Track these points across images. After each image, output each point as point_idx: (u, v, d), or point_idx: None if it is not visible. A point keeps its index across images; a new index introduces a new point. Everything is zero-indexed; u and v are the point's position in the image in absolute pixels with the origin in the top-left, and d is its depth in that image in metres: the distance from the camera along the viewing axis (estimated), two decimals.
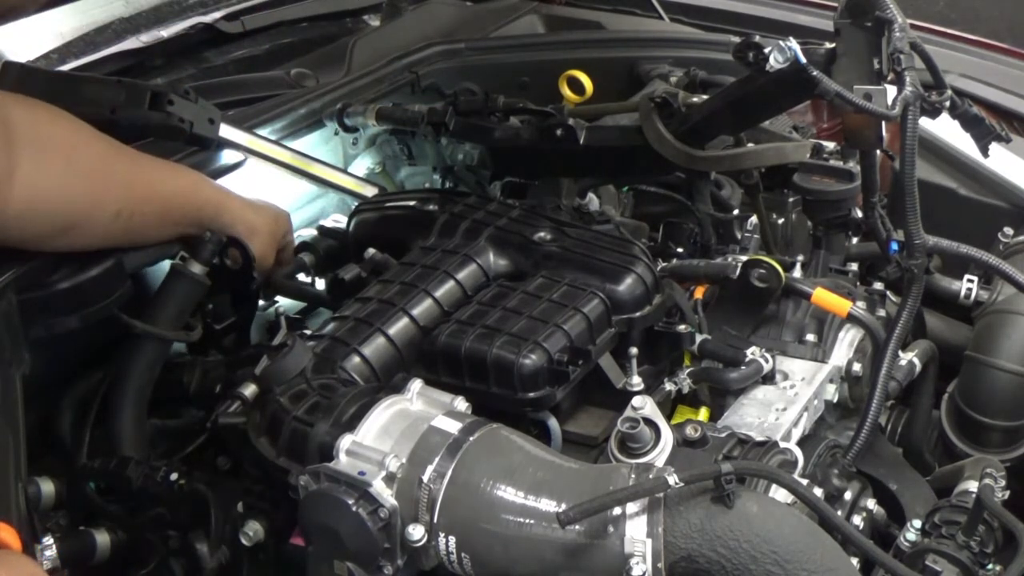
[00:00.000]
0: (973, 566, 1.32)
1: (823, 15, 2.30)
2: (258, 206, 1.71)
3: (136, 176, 1.53)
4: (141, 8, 2.18)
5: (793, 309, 1.62)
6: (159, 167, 1.60)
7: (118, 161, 1.52)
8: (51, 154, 1.40)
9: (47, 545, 1.33)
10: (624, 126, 1.79)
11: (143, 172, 1.55)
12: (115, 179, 1.49)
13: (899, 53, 1.40)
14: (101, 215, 1.46)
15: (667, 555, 1.14)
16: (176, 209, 1.57)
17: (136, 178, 1.53)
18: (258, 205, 1.71)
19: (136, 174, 1.53)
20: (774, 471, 1.21)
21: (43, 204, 1.39)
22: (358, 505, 1.16)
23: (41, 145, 1.39)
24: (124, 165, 1.52)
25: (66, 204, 1.42)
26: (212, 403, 1.51)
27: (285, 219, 1.76)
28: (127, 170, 1.52)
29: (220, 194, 1.66)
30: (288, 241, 1.77)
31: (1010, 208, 1.98)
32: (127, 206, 1.48)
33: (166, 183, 1.58)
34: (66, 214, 1.43)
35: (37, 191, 1.38)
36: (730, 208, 1.86)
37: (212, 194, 1.65)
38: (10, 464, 1.25)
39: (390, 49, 2.23)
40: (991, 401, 1.70)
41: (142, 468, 1.41)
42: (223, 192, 1.67)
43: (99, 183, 1.46)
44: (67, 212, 1.43)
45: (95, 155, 1.49)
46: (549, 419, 1.41)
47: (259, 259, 1.67)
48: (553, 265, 1.53)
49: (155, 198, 1.54)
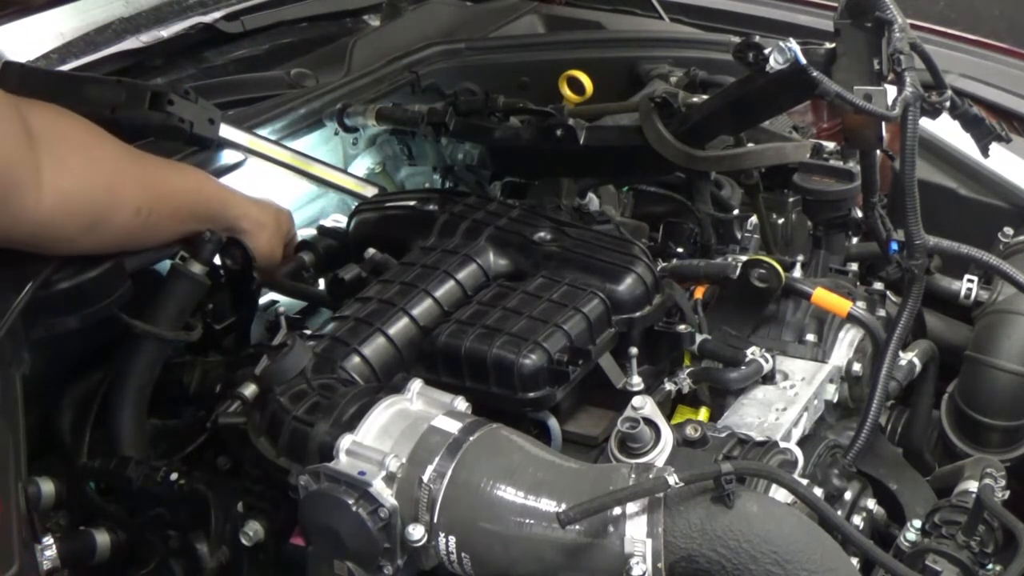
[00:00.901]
0: (973, 566, 1.32)
1: (823, 15, 2.30)
2: (262, 203, 1.72)
3: (149, 174, 1.55)
4: (141, 8, 2.18)
5: (793, 309, 1.62)
6: (166, 166, 1.61)
7: (132, 160, 1.53)
8: (72, 154, 1.41)
9: (47, 545, 1.33)
10: (624, 126, 1.79)
11: (154, 170, 1.57)
12: (132, 177, 1.50)
13: (899, 53, 1.40)
14: (122, 212, 1.47)
15: (667, 555, 1.14)
16: (186, 206, 1.58)
17: (149, 176, 1.54)
18: (261, 202, 1.72)
19: (149, 172, 1.55)
20: (774, 471, 1.21)
21: (70, 203, 1.40)
22: (358, 505, 1.16)
23: (61, 146, 1.40)
24: (138, 164, 1.54)
25: (91, 203, 1.43)
26: (212, 403, 1.51)
27: (287, 216, 1.77)
28: (141, 169, 1.54)
29: (225, 191, 1.67)
30: (292, 237, 1.77)
31: (1010, 208, 1.98)
32: (145, 204, 1.50)
33: (175, 181, 1.59)
34: (91, 212, 1.43)
35: (63, 191, 1.38)
36: (730, 208, 1.86)
37: (217, 191, 1.66)
38: (10, 464, 1.25)
39: (390, 49, 2.23)
40: (991, 401, 1.70)
41: (142, 468, 1.42)
42: (227, 189, 1.69)
43: (117, 181, 1.48)
44: (92, 211, 1.43)
45: (111, 154, 1.50)
46: (549, 419, 1.41)
47: (268, 253, 1.68)
48: (553, 265, 1.53)
49: (168, 195, 1.55)
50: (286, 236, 1.75)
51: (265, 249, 1.68)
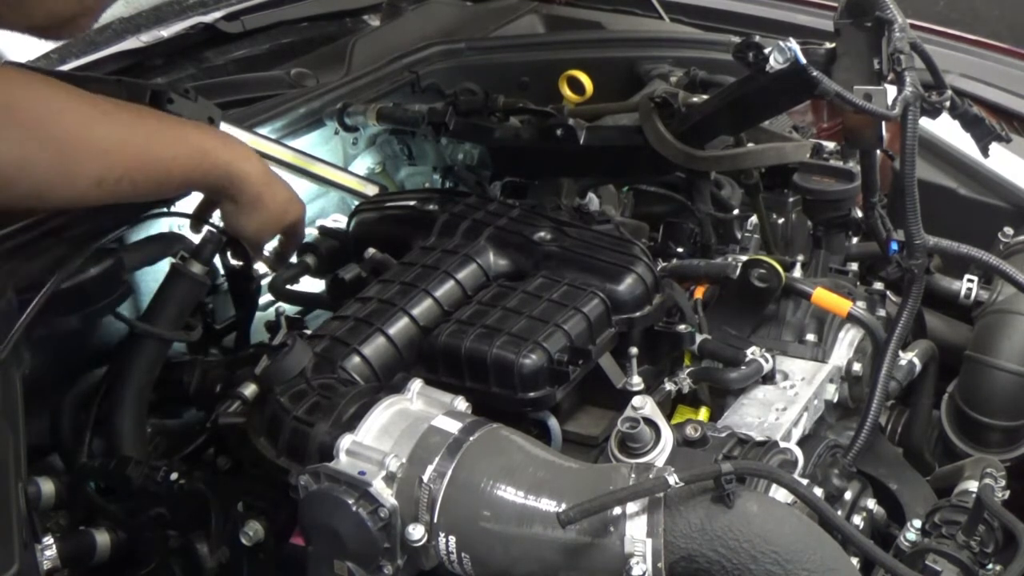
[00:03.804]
0: (973, 566, 1.32)
1: (823, 15, 2.29)
2: (276, 184, 1.65)
3: (126, 142, 1.47)
4: (141, 8, 2.18)
5: (793, 309, 1.62)
6: (162, 130, 1.53)
7: (103, 127, 1.46)
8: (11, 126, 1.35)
9: (47, 545, 1.33)
10: (624, 126, 1.79)
11: (137, 137, 1.49)
12: (95, 147, 1.43)
13: (899, 53, 1.40)
14: (76, 185, 1.42)
15: (667, 555, 1.14)
16: (178, 175, 1.52)
17: (126, 145, 1.47)
18: (277, 183, 1.65)
19: (127, 140, 1.47)
20: (774, 471, 1.21)
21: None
22: (358, 505, 1.16)
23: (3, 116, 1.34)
24: (112, 131, 1.46)
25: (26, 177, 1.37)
26: (212, 403, 1.51)
27: (297, 209, 1.70)
28: (116, 137, 1.46)
29: (233, 160, 1.59)
30: (294, 231, 1.75)
31: (1010, 208, 1.98)
32: (111, 174, 1.43)
33: (166, 147, 1.51)
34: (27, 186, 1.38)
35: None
36: (730, 208, 1.86)
37: (224, 162, 1.57)
38: (10, 464, 1.24)
39: (390, 49, 2.23)
40: (991, 401, 1.70)
41: (142, 468, 1.42)
42: (238, 156, 1.60)
43: (70, 154, 1.41)
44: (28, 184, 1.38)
45: (72, 123, 1.43)
46: (549, 419, 1.41)
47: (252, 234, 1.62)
48: (553, 265, 1.53)
49: (151, 163, 1.49)
50: (284, 225, 1.70)
51: (250, 229, 1.61)
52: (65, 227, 1.53)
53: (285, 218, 1.64)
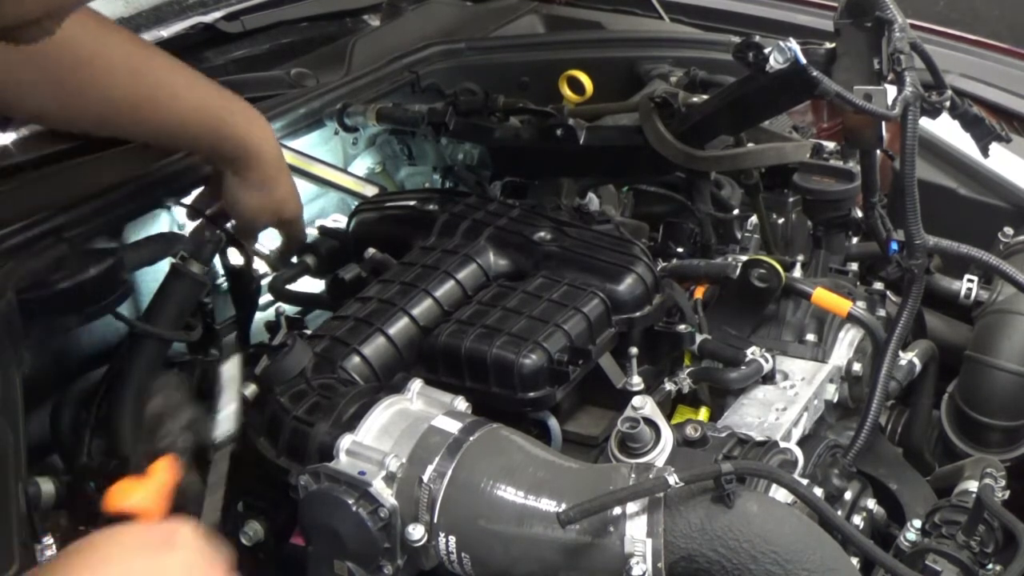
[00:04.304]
0: (973, 566, 1.32)
1: (823, 15, 2.29)
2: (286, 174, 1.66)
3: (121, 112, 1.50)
4: (141, 8, 2.17)
5: (793, 309, 1.62)
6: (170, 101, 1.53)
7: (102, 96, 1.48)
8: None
9: (47, 545, 1.33)
10: (624, 126, 1.79)
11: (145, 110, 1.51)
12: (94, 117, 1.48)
13: (899, 53, 1.39)
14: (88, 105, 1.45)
15: (667, 555, 1.14)
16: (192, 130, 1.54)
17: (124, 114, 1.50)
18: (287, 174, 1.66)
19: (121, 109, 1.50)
20: (774, 471, 1.21)
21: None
22: (358, 505, 1.17)
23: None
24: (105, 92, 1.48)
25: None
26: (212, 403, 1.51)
27: (294, 207, 1.72)
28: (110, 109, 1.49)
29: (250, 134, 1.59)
30: (290, 228, 1.75)
31: (1010, 208, 1.98)
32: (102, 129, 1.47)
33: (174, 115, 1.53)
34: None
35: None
36: (730, 208, 1.86)
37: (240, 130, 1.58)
38: (10, 464, 1.25)
39: (390, 49, 2.23)
40: (991, 401, 1.70)
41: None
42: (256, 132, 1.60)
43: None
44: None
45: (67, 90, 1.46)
46: (549, 419, 1.41)
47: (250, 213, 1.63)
48: (553, 265, 1.53)
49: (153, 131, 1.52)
50: (279, 217, 1.70)
51: (248, 208, 1.63)
52: (65, 227, 1.53)
53: (283, 209, 1.65)
